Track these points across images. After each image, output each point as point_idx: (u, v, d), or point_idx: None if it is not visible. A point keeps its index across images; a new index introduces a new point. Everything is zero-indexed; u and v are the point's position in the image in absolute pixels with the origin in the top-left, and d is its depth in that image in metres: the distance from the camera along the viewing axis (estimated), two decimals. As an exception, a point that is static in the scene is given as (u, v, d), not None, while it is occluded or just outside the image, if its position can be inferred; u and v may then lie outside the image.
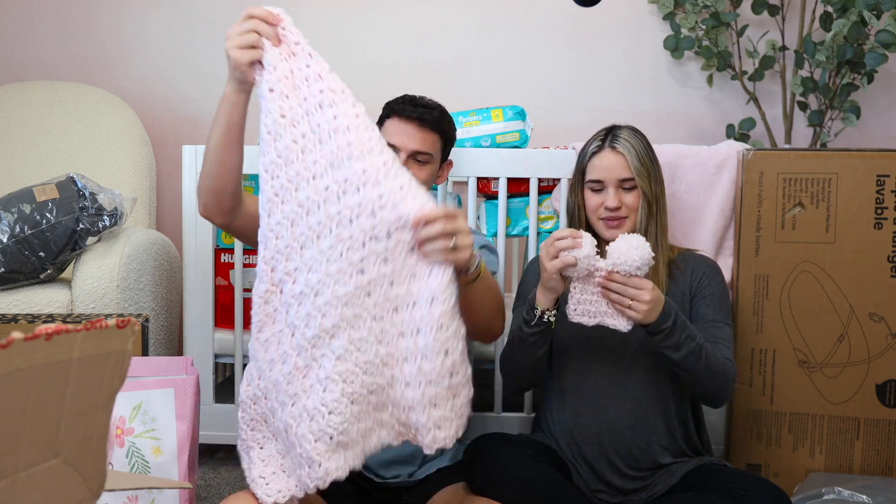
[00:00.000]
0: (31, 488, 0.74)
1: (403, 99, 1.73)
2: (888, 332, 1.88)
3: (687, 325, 1.51)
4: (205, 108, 2.81)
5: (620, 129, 1.70)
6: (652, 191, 1.66)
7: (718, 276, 1.72)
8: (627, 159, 1.65)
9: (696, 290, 1.69)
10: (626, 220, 1.67)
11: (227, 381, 2.33)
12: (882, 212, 1.87)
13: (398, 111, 1.71)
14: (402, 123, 1.69)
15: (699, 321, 1.66)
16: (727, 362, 1.59)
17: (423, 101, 1.73)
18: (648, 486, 1.64)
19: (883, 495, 1.68)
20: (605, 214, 1.67)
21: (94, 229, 1.96)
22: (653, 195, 1.67)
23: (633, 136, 1.69)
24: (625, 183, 1.65)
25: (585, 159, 1.70)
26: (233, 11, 2.83)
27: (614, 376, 1.65)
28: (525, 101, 2.36)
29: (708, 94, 2.81)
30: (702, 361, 1.52)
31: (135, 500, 1.53)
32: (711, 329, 1.65)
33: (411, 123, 1.69)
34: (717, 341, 1.63)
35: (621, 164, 1.65)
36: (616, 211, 1.66)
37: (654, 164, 1.69)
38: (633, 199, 1.66)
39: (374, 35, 2.82)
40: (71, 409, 0.76)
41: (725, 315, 1.68)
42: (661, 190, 1.70)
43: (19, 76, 2.79)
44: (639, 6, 2.80)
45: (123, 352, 0.81)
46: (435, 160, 1.72)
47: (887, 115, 2.79)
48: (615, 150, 1.66)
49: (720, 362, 1.57)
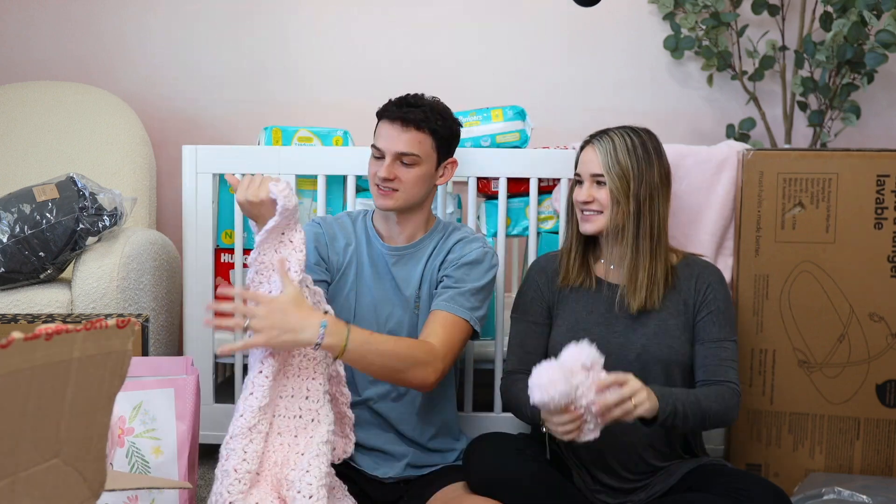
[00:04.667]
0: (31, 488, 0.74)
1: (393, 100, 1.71)
2: (888, 332, 1.88)
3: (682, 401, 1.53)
4: (205, 107, 2.82)
5: (617, 127, 1.70)
6: (627, 190, 1.63)
7: (723, 286, 1.70)
8: (599, 156, 1.66)
9: (700, 303, 1.68)
10: (601, 215, 1.67)
11: (227, 381, 2.33)
12: (882, 212, 1.87)
13: (383, 113, 1.70)
14: (386, 125, 1.69)
15: (705, 340, 1.66)
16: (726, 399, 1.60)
17: (411, 99, 1.71)
18: (648, 486, 1.64)
19: (883, 495, 1.68)
20: (580, 207, 1.70)
21: (94, 229, 1.96)
22: (627, 195, 1.63)
23: (624, 136, 1.66)
24: (597, 178, 1.67)
25: (577, 155, 1.74)
26: (233, 11, 2.85)
27: None
28: (525, 101, 2.36)
29: (708, 94, 2.81)
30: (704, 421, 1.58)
31: (135, 500, 1.53)
32: (716, 350, 1.65)
33: (394, 125, 1.67)
34: (721, 364, 1.64)
35: (595, 159, 1.67)
36: (587, 205, 1.68)
37: (640, 166, 1.64)
38: (605, 196, 1.66)
39: (374, 35, 2.82)
40: (71, 409, 0.76)
41: (731, 331, 1.68)
42: (651, 192, 1.65)
43: (20, 76, 2.78)
44: (639, 6, 2.80)
45: (123, 352, 0.81)
46: (424, 160, 1.69)
47: (887, 115, 2.79)
48: (592, 147, 1.68)
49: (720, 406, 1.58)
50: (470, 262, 1.70)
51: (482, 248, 1.73)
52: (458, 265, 1.71)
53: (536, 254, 2.05)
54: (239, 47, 2.82)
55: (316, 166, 2.06)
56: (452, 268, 1.71)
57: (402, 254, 1.76)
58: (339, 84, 2.82)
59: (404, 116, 1.66)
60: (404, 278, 1.76)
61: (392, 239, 1.78)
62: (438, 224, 1.81)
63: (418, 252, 1.76)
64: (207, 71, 2.82)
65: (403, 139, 1.67)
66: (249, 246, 2.10)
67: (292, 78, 2.83)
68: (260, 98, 2.82)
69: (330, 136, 2.16)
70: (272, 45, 2.82)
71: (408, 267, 1.76)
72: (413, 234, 1.77)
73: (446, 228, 1.80)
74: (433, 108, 1.70)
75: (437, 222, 1.81)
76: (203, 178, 2.05)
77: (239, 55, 2.82)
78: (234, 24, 2.82)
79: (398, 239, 1.77)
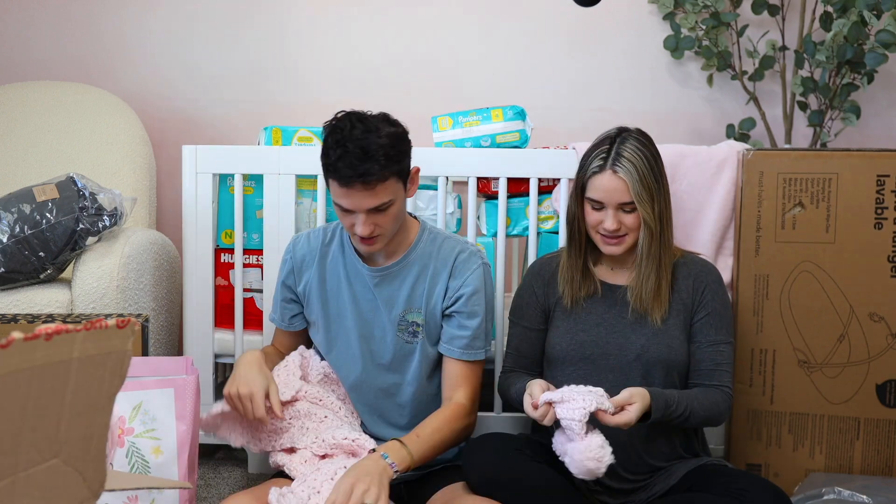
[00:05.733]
0: (31, 488, 0.74)
1: (340, 155, 1.52)
2: (888, 332, 1.88)
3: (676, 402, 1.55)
4: (205, 107, 2.82)
5: (625, 143, 1.61)
6: (654, 213, 1.60)
7: (721, 287, 1.70)
8: (628, 184, 1.58)
9: (698, 304, 1.68)
10: (626, 237, 1.64)
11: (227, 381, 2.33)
12: (882, 212, 1.87)
13: (335, 175, 1.54)
14: (345, 189, 1.54)
15: (701, 342, 1.66)
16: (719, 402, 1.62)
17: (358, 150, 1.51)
18: (648, 486, 1.64)
19: (883, 495, 1.68)
20: (604, 233, 1.64)
21: (94, 229, 1.96)
22: (655, 217, 1.61)
23: (637, 152, 1.60)
24: (625, 206, 1.61)
25: (586, 176, 1.63)
26: (232, 11, 2.85)
27: (612, 383, 1.63)
28: (525, 101, 2.36)
29: (708, 94, 2.81)
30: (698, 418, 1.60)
31: (135, 500, 1.53)
32: (712, 353, 1.65)
33: (354, 188, 1.53)
34: (716, 368, 1.65)
35: (622, 187, 1.58)
36: (615, 233, 1.63)
37: (658, 181, 1.62)
38: (632, 220, 1.62)
39: (374, 35, 2.82)
40: (71, 409, 0.76)
41: (727, 333, 1.68)
42: (666, 203, 1.64)
43: (19, 76, 2.78)
44: (639, 6, 2.80)
45: (123, 352, 0.81)
46: (397, 198, 1.60)
47: (887, 115, 2.79)
48: (616, 175, 1.59)
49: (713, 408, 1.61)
50: (475, 292, 1.70)
51: (479, 262, 1.72)
52: (465, 299, 1.70)
53: (537, 254, 2.05)
54: (239, 47, 2.82)
55: (316, 166, 2.04)
56: (460, 302, 1.70)
57: (383, 274, 1.72)
58: (339, 84, 2.82)
59: (364, 179, 1.51)
60: (387, 299, 1.72)
61: (372, 259, 1.74)
62: (423, 232, 1.75)
63: (403, 270, 1.72)
64: (207, 71, 2.82)
65: (371, 196, 1.54)
66: (249, 246, 2.11)
67: (292, 78, 2.83)
68: (260, 98, 2.82)
69: (330, 136, 2.16)
70: (272, 45, 2.82)
71: (392, 286, 1.72)
72: (394, 250, 1.72)
73: (433, 236, 1.75)
74: (384, 147, 1.53)
75: (422, 230, 1.75)
76: (203, 178, 2.05)
77: (239, 55, 2.82)
78: (233, 24, 2.82)
79: (378, 258, 1.73)
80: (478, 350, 1.72)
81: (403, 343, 1.73)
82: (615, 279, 1.72)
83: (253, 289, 2.12)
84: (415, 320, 1.72)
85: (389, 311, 1.72)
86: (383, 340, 1.73)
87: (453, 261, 1.71)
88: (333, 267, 1.76)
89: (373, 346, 1.74)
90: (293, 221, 2.05)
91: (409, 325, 1.72)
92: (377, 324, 1.73)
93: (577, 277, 1.70)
